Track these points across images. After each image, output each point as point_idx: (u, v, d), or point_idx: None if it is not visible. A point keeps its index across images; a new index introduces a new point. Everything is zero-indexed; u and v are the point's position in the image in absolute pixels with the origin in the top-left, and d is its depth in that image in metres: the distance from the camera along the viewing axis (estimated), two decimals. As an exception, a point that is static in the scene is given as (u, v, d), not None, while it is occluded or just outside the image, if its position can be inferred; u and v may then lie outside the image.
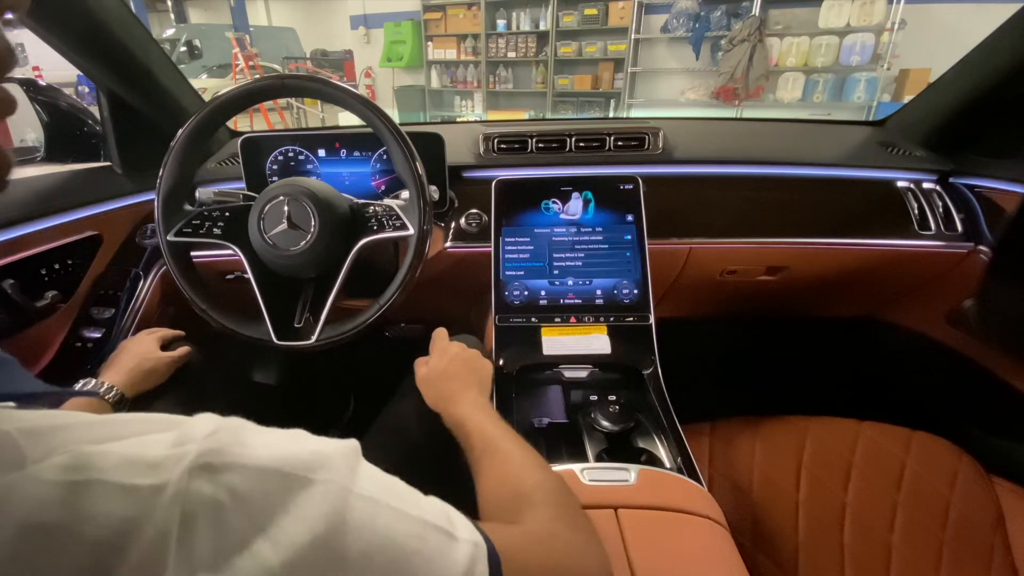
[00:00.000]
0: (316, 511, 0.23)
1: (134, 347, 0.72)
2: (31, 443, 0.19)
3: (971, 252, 0.86)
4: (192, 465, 0.21)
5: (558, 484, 0.44)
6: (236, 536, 0.21)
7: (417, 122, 2.70)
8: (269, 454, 0.24)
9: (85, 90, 2.87)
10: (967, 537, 0.71)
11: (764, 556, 0.72)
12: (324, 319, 0.67)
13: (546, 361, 0.79)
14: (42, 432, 0.20)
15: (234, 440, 0.23)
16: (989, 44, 0.82)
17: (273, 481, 0.23)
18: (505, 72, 5.41)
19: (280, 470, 0.23)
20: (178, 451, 0.22)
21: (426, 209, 0.66)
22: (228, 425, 0.24)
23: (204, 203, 0.71)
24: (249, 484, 0.22)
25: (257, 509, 0.22)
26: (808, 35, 3.95)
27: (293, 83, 0.67)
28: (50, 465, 0.19)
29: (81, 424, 0.21)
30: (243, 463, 0.22)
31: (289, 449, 0.25)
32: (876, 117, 2.16)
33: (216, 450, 0.22)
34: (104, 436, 0.21)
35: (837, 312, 1.15)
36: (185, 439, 0.22)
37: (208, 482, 0.21)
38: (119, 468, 0.20)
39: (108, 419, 0.23)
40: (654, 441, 0.67)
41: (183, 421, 0.24)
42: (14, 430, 0.19)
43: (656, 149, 0.95)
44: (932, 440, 0.80)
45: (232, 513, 0.21)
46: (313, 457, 0.25)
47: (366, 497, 0.25)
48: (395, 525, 0.26)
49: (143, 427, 0.23)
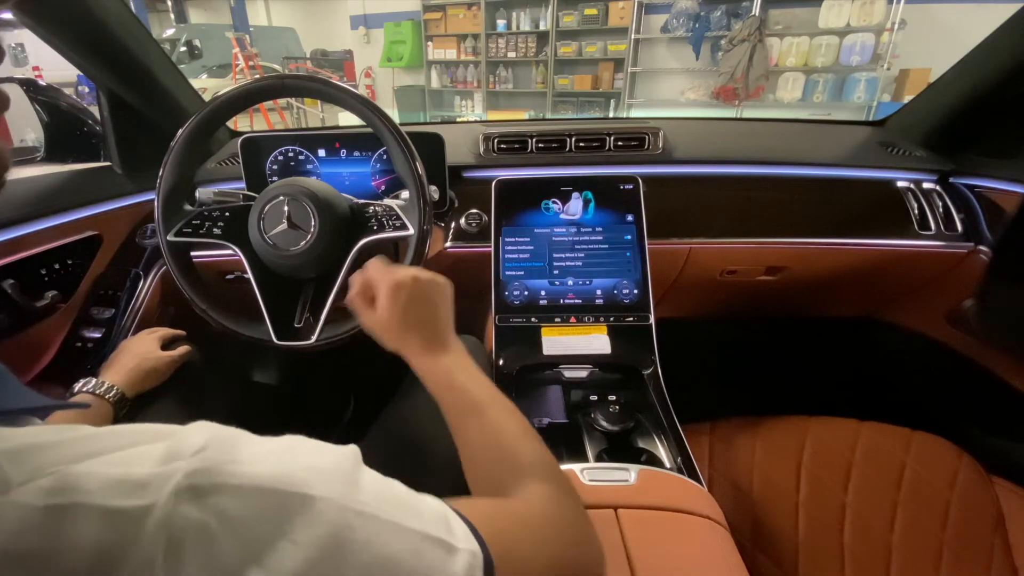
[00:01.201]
0: (311, 534, 0.22)
1: (134, 347, 0.72)
2: (14, 465, 0.19)
3: (971, 252, 0.86)
4: (179, 487, 0.20)
5: (551, 457, 0.41)
6: (226, 564, 0.20)
7: (417, 122, 2.70)
8: (262, 471, 0.23)
9: (85, 90, 2.87)
10: (967, 537, 0.71)
11: (764, 556, 0.72)
12: (324, 319, 0.67)
13: (546, 361, 0.79)
14: (25, 452, 0.19)
15: (225, 457, 0.22)
16: (989, 44, 0.82)
17: (266, 502, 0.22)
18: (505, 72, 5.41)
19: (274, 489, 0.22)
20: (166, 469, 0.21)
21: (426, 209, 0.66)
22: (220, 437, 0.23)
23: (204, 203, 0.71)
24: (240, 506, 0.21)
25: (249, 534, 0.21)
26: (808, 35, 3.95)
27: (293, 83, 0.67)
28: (33, 488, 0.18)
29: (66, 441, 0.21)
30: (235, 483, 0.21)
31: (284, 465, 0.24)
32: (876, 117, 2.16)
33: (205, 469, 0.21)
34: (90, 452, 0.21)
35: (837, 312, 1.15)
36: (174, 455, 0.22)
37: (195, 506, 0.20)
38: (103, 490, 0.19)
39: (95, 433, 0.22)
40: (654, 441, 0.67)
41: (174, 432, 0.23)
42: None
43: (656, 149, 0.95)
44: (932, 440, 0.80)
45: (222, 539, 0.20)
46: (309, 474, 0.24)
47: (365, 514, 0.24)
48: (394, 542, 0.25)
49: (132, 439, 0.22)
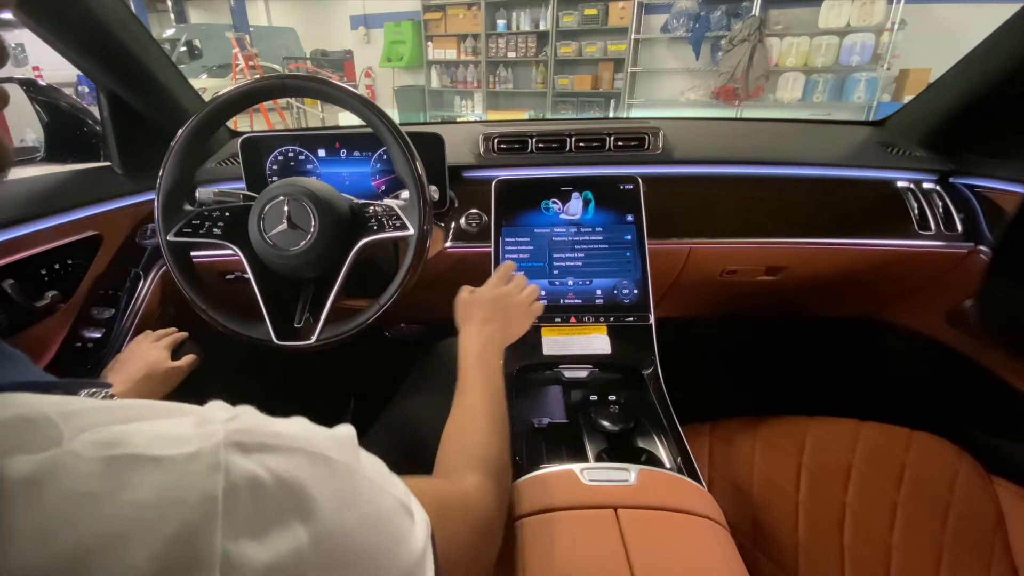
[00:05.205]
0: (334, 489, 0.25)
1: (146, 354, 0.72)
2: (65, 421, 0.20)
3: (971, 252, 0.86)
4: (226, 442, 0.22)
5: (503, 456, 0.50)
6: (275, 513, 0.22)
7: (417, 122, 2.70)
8: (296, 432, 0.25)
9: (85, 90, 2.87)
10: (967, 537, 0.71)
11: (764, 556, 0.72)
12: (324, 319, 0.67)
13: (546, 361, 0.79)
14: (71, 414, 0.21)
15: (259, 421, 0.25)
16: (989, 44, 0.82)
17: (303, 460, 0.24)
18: (505, 72, 5.41)
19: (305, 450, 0.25)
20: (204, 430, 0.22)
21: (426, 209, 0.66)
22: (244, 410, 0.26)
23: (204, 203, 0.71)
24: (283, 463, 0.23)
25: (293, 487, 0.23)
26: (808, 35, 3.95)
27: (293, 83, 0.67)
28: (85, 441, 0.20)
29: (103, 408, 0.22)
30: (274, 443, 0.24)
31: (309, 430, 0.27)
32: (876, 117, 2.16)
33: (245, 429, 0.23)
34: (127, 417, 0.22)
35: (837, 312, 1.15)
36: (206, 421, 0.23)
37: (244, 458, 0.22)
38: (151, 444, 0.21)
39: (126, 404, 0.23)
40: (654, 441, 0.67)
41: (194, 409, 0.25)
42: (51, 411, 0.20)
43: (656, 149, 0.94)
44: (932, 440, 0.80)
45: (272, 490, 0.22)
46: (329, 440, 0.27)
47: (369, 479, 0.28)
48: (385, 505, 0.29)
49: (157, 413, 0.24)
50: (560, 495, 0.54)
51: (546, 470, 0.58)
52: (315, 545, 0.23)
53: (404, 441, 0.69)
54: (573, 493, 0.54)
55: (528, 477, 0.58)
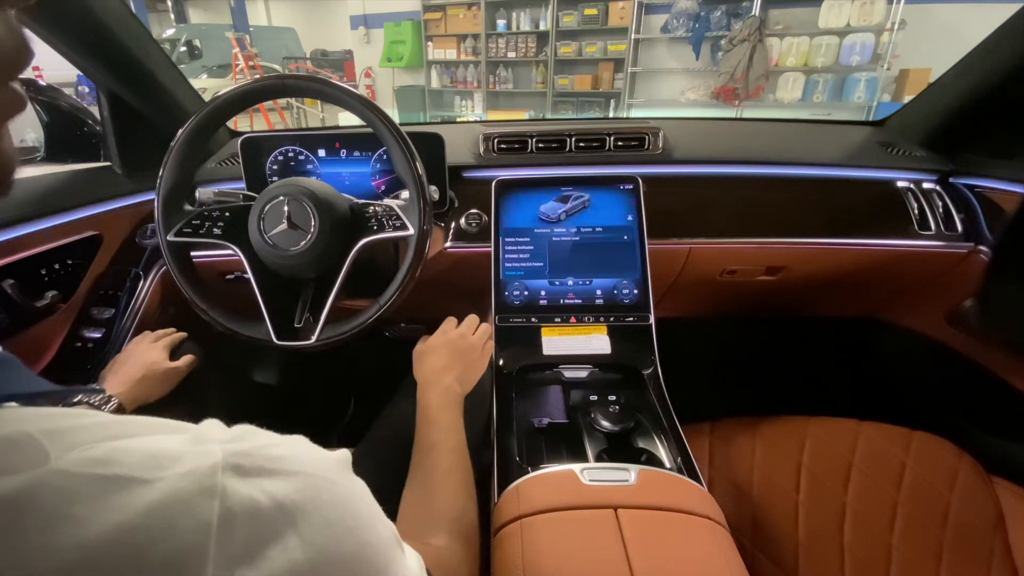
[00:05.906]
0: (335, 513, 0.24)
1: (144, 356, 0.72)
2: (50, 439, 0.19)
3: (971, 252, 0.86)
4: (223, 464, 0.21)
5: (470, 514, 0.50)
6: (272, 534, 0.21)
7: (417, 122, 2.70)
8: (296, 455, 0.25)
9: (85, 90, 2.87)
10: (967, 537, 0.71)
11: (764, 556, 0.72)
12: (324, 319, 0.67)
13: (546, 361, 0.79)
14: (59, 432, 0.20)
15: (260, 442, 0.24)
16: (989, 44, 0.82)
17: (304, 483, 0.24)
18: (505, 72, 5.41)
19: (308, 473, 0.24)
20: (199, 448, 0.22)
21: (426, 209, 0.66)
22: (243, 429, 0.25)
23: (204, 203, 0.71)
24: (283, 487, 0.23)
25: (290, 510, 0.22)
26: (808, 35, 3.95)
27: (293, 83, 0.67)
28: (76, 459, 0.19)
29: (95, 424, 0.21)
30: (273, 468, 0.23)
31: (312, 453, 0.26)
32: (876, 117, 2.16)
33: (244, 452, 0.23)
34: (119, 434, 0.21)
35: (837, 312, 1.15)
36: (201, 439, 0.23)
37: (242, 483, 0.21)
38: (143, 463, 0.20)
39: (119, 420, 0.23)
40: (654, 441, 0.67)
41: (189, 426, 0.24)
42: (34, 429, 0.19)
43: (656, 149, 0.94)
44: (932, 440, 0.80)
45: (268, 514, 0.21)
46: (329, 462, 0.26)
47: (367, 503, 0.28)
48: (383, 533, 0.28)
49: (151, 428, 0.23)
50: (560, 495, 0.54)
51: (546, 470, 0.58)
52: (313, 571, 0.22)
53: (404, 441, 0.68)
54: (573, 493, 0.54)
55: (528, 477, 0.58)
